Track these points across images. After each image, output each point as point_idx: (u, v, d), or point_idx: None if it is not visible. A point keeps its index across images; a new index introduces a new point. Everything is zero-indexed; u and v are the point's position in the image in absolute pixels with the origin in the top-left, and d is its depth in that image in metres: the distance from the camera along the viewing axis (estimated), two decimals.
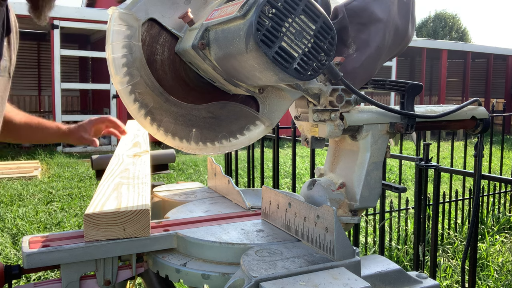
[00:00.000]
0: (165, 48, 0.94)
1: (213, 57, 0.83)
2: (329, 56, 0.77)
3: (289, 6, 0.72)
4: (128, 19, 0.90)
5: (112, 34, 0.90)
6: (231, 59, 0.78)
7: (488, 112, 1.19)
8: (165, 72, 0.95)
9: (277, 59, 0.73)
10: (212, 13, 0.85)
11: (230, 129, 1.03)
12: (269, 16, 0.70)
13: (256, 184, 5.14)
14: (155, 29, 0.93)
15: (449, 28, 43.80)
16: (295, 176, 3.12)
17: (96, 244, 0.93)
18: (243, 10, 0.72)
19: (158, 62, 0.94)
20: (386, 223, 3.79)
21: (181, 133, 0.99)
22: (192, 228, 1.05)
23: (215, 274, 0.90)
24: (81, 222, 4.92)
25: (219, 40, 0.80)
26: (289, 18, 0.72)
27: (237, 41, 0.73)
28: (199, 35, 0.83)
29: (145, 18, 0.91)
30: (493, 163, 6.96)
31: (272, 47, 0.72)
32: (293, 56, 0.74)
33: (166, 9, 0.92)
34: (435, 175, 2.55)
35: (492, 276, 3.52)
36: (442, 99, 15.78)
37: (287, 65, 0.74)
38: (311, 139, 1.10)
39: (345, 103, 1.03)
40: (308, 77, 0.76)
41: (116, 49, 0.91)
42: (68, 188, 6.63)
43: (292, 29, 0.73)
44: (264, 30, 0.70)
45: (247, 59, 0.73)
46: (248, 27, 0.70)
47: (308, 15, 0.74)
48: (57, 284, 0.94)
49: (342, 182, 1.08)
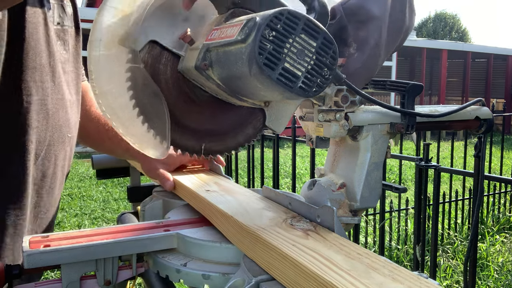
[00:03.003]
0: (168, 67, 0.95)
1: (217, 77, 0.83)
2: (332, 70, 0.77)
3: (289, 27, 0.71)
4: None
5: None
6: (235, 79, 0.78)
7: (491, 112, 1.19)
8: (169, 90, 0.96)
9: (282, 80, 0.72)
10: (212, 32, 0.84)
11: (238, 141, 1.04)
12: (270, 39, 0.70)
13: (256, 184, 5.14)
14: (156, 50, 0.93)
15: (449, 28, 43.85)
16: (295, 176, 3.13)
17: (97, 244, 0.93)
18: (243, 34, 0.71)
19: (163, 81, 0.95)
20: (386, 223, 3.79)
21: (191, 149, 1.00)
22: (192, 228, 1.05)
23: (215, 274, 0.90)
24: (81, 222, 4.93)
25: (222, 62, 0.79)
26: (289, 39, 0.72)
27: (240, 64, 0.73)
28: (201, 56, 0.83)
29: (146, 41, 0.91)
30: (493, 163, 6.96)
31: (275, 69, 0.71)
32: (297, 75, 0.74)
33: (165, 30, 0.92)
34: (435, 175, 2.55)
35: (492, 276, 3.53)
36: (442, 99, 15.80)
37: (292, 85, 0.74)
38: (315, 139, 1.10)
39: (350, 103, 1.03)
40: (313, 94, 0.76)
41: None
42: (68, 188, 6.63)
43: (294, 49, 0.72)
44: (266, 53, 0.70)
45: (251, 80, 0.73)
46: (250, 52, 0.70)
47: (308, 33, 0.73)
48: (57, 284, 0.94)
49: (343, 182, 1.08)
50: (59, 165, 1.22)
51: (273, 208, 1.02)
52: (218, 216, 1.02)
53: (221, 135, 1.02)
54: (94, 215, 5.30)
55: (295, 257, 0.72)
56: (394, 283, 0.65)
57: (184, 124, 0.99)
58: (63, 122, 1.19)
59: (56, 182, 1.23)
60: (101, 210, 5.53)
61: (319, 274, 0.66)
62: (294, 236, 0.83)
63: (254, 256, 0.85)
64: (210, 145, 1.03)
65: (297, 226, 0.89)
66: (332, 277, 0.65)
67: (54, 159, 1.18)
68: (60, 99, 1.17)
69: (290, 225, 0.90)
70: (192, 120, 0.99)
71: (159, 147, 0.96)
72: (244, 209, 1.00)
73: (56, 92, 1.15)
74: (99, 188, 6.64)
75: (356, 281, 0.64)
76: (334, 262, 0.71)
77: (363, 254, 0.75)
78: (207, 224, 1.07)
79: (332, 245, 0.79)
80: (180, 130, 0.99)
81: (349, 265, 0.70)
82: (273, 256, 0.78)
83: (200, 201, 1.13)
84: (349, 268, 0.69)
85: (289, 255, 0.73)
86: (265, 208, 1.02)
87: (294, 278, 0.72)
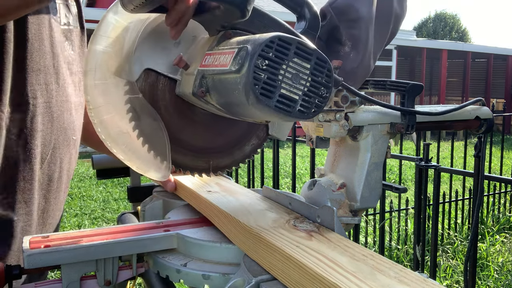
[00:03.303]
0: (166, 92, 0.94)
1: (215, 102, 0.82)
2: (329, 88, 0.76)
3: (281, 53, 0.70)
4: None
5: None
6: (233, 106, 0.77)
7: (492, 112, 1.19)
8: (170, 115, 0.96)
9: (280, 106, 0.72)
10: (205, 58, 0.83)
11: (244, 152, 1.05)
12: (264, 68, 0.69)
13: (256, 184, 5.14)
14: (152, 77, 0.93)
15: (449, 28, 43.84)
16: (295, 176, 3.13)
17: (97, 244, 0.93)
18: (236, 64, 0.70)
19: (162, 107, 0.95)
20: (386, 223, 3.79)
21: (200, 169, 1.02)
22: (192, 229, 1.05)
23: (215, 275, 0.90)
24: (81, 222, 4.93)
25: (218, 89, 0.79)
26: (283, 65, 0.71)
27: (236, 93, 0.72)
28: (197, 83, 0.83)
29: (141, 70, 0.91)
30: (493, 163, 6.96)
31: (272, 97, 0.71)
32: (295, 99, 0.73)
33: (158, 56, 0.92)
34: (435, 175, 2.55)
35: (492, 276, 3.53)
36: (442, 99, 15.80)
37: (290, 110, 0.73)
38: (316, 139, 1.10)
39: (350, 103, 1.03)
40: (313, 114, 0.76)
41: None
42: (68, 188, 6.63)
43: (288, 74, 0.72)
44: (262, 83, 0.69)
45: (250, 108, 0.73)
46: (245, 83, 0.69)
47: (301, 56, 0.72)
48: (57, 284, 0.94)
49: (343, 182, 1.08)
50: (65, 168, 1.21)
51: (276, 209, 1.02)
52: (221, 217, 1.01)
53: (227, 149, 1.03)
54: (94, 215, 5.30)
55: (299, 258, 0.72)
56: (400, 285, 0.64)
57: (189, 145, 0.99)
58: (68, 125, 1.18)
59: (62, 186, 1.23)
60: (101, 210, 5.53)
61: (324, 276, 0.66)
62: (298, 237, 0.82)
63: (257, 257, 0.85)
64: (218, 161, 1.03)
65: (301, 227, 0.89)
66: (338, 279, 0.65)
67: (60, 162, 1.18)
68: (64, 101, 1.16)
69: (293, 226, 0.90)
70: (197, 140, 1.00)
71: (160, 169, 0.97)
72: (246, 210, 1.00)
73: (60, 94, 1.14)
74: (99, 188, 6.64)
75: (362, 283, 0.64)
76: (339, 263, 0.71)
77: (368, 255, 0.75)
78: (207, 224, 1.07)
79: (336, 246, 0.79)
80: (185, 151, 1.00)
81: (355, 267, 0.70)
82: (276, 257, 0.77)
83: (201, 202, 1.13)
84: (354, 270, 0.68)
85: (293, 256, 0.73)
86: (268, 209, 1.02)
87: (298, 279, 0.71)
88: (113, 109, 0.92)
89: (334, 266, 0.69)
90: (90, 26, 0.91)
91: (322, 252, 0.75)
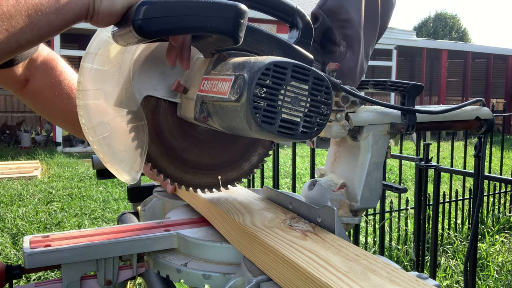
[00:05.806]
0: (168, 116, 0.95)
1: (218, 126, 0.82)
2: (329, 105, 0.76)
3: (278, 79, 0.70)
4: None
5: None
6: (236, 130, 0.77)
7: (492, 113, 1.19)
8: (175, 137, 0.96)
9: (282, 131, 0.72)
10: (203, 82, 0.83)
11: (252, 163, 1.05)
12: (262, 97, 0.69)
13: (256, 184, 5.14)
14: (152, 102, 0.93)
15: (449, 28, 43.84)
16: (295, 176, 3.12)
17: (97, 244, 0.93)
18: (235, 94, 0.70)
19: (166, 131, 0.95)
20: (386, 223, 3.79)
21: (210, 185, 1.02)
22: (193, 228, 1.05)
23: (216, 274, 0.90)
24: (81, 222, 4.93)
25: (220, 115, 0.79)
26: (281, 90, 0.71)
27: (238, 120, 0.72)
28: (198, 108, 0.83)
29: (141, 98, 0.91)
30: (493, 163, 6.96)
31: (274, 123, 0.71)
32: (296, 122, 0.73)
33: (156, 81, 0.92)
34: (435, 175, 2.55)
35: (492, 276, 3.53)
36: (442, 99, 15.79)
37: (293, 133, 0.73)
38: (316, 139, 1.10)
39: (350, 103, 1.03)
40: (315, 133, 0.76)
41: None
42: (68, 188, 6.63)
43: (288, 98, 0.71)
44: (262, 111, 0.70)
45: (253, 133, 0.73)
46: (246, 112, 0.69)
47: (298, 78, 0.72)
48: (58, 284, 0.94)
49: (343, 182, 1.08)
50: None
51: (273, 209, 1.02)
52: (218, 216, 1.02)
53: (235, 162, 1.04)
54: (94, 215, 5.30)
55: (292, 258, 0.72)
56: (392, 285, 0.65)
57: (197, 163, 1.00)
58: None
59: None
60: (101, 210, 5.53)
61: (316, 276, 0.66)
62: (292, 237, 0.82)
63: (252, 257, 0.85)
64: (227, 175, 1.04)
65: (296, 227, 0.89)
66: (329, 278, 0.65)
67: None
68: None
69: (289, 226, 0.90)
70: (203, 157, 1.00)
71: (131, 171, 0.97)
72: (243, 210, 1.00)
73: None
74: (99, 188, 6.64)
75: (353, 283, 0.64)
76: (332, 263, 0.71)
77: (361, 255, 0.75)
78: (208, 224, 1.07)
79: (330, 246, 0.79)
80: (194, 170, 1.00)
81: (347, 267, 0.70)
82: (270, 257, 0.78)
83: (199, 201, 1.13)
84: (346, 269, 0.69)
85: (286, 256, 0.73)
86: (265, 209, 1.02)
87: (291, 279, 0.71)
88: (103, 97, 0.92)
89: (326, 266, 0.69)
90: (90, 25, 0.90)
91: (315, 252, 0.75)
